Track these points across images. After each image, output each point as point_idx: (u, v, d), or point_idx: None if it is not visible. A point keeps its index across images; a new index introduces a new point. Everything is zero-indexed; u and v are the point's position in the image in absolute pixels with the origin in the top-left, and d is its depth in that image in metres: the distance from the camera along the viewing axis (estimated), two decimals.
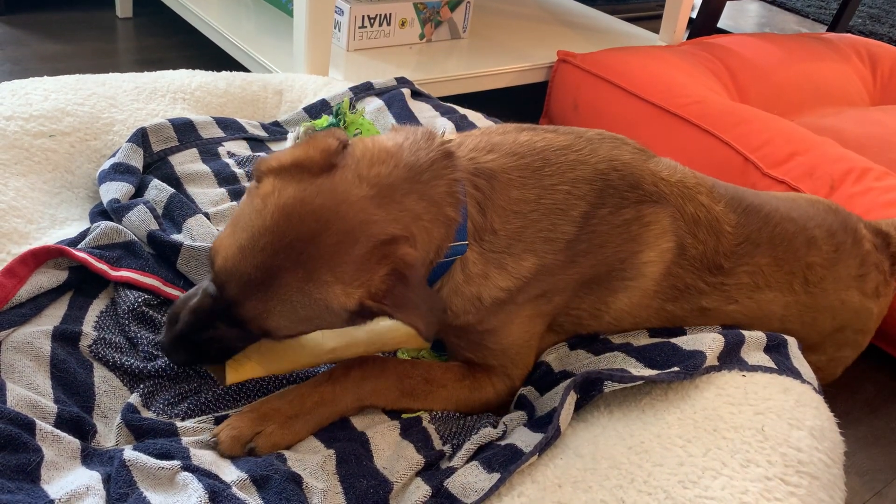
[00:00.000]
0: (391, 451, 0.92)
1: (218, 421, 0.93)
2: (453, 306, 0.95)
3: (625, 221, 0.98)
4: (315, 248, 0.81)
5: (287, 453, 0.89)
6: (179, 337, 0.88)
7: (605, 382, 0.92)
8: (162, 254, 1.13)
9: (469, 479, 0.86)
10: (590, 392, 0.93)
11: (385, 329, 1.08)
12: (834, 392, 1.38)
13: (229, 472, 0.85)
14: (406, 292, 0.83)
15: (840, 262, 1.13)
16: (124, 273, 1.07)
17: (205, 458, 0.86)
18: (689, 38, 2.61)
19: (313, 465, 0.87)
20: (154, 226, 1.15)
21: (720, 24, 2.93)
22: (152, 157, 1.34)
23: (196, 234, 1.17)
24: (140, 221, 1.15)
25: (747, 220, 1.06)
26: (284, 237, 0.81)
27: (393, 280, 0.83)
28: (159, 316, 1.05)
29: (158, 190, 1.24)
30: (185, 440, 0.89)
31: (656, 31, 2.53)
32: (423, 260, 0.87)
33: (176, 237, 1.15)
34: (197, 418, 0.94)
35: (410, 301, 0.84)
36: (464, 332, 0.99)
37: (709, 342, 0.97)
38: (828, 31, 3.08)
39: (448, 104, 1.61)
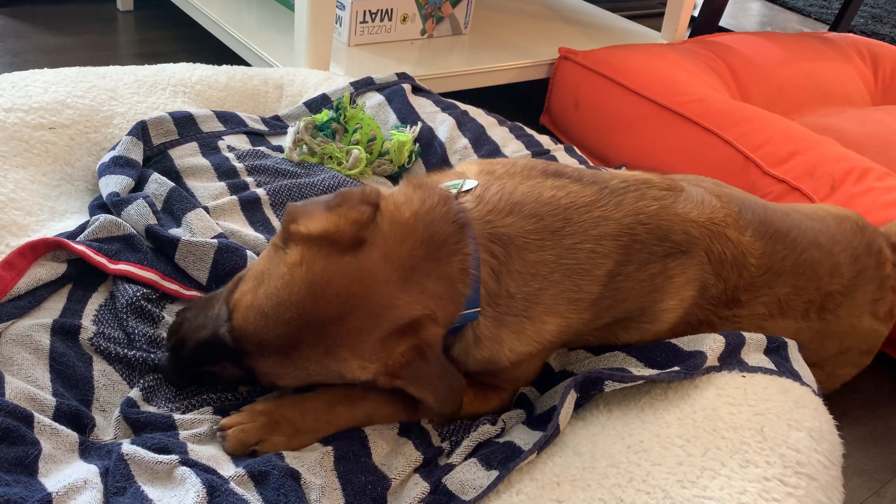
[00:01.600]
0: (389, 448, 0.92)
1: (217, 412, 0.93)
2: (468, 365, 0.95)
3: (650, 276, 0.96)
4: (339, 329, 0.82)
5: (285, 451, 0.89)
6: (183, 363, 0.89)
7: (606, 382, 0.92)
8: (160, 248, 1.13)
9: (467, 476, 0.86)
10: (590, 391, 0.93)
11: None
12: (832, 392, 1.38)
13: (227, 467, 0.85)
14: (423, 367, 0.84)
15: (859, 289, 1.10)
16: (123, 266, 1.07)
17: (203, 452, 0.86)
18: (690, 36, 2.60)
19: (311, 461, 0.87)
20: (153, 220, 1.15)
21: (722, 23, 2.92)
22: (152, 150, 1.33)
23: (195, 228, 1.16)
24: (138, 216, 1.15)
25: (773, 249, 1.03)
26: (309, 316, 0.82)
27: (411, 355, 0.84)
28: (157, 310, 1.05)
29: (158, 184, 1.23)
30: (182, 434, 0.88)
31: (658, 28, 2.53)
32: (441, 335, 0.87)
33: (174, 232, 1.15)
34: (196, 410, 0.93)
35: (425, 376, 0.85)
36: (478, 375, 0.99)
37: (709, 343, 0.97)
38: (830, 30, 3.08)
39: (449, 100, 1.61)
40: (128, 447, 0.83)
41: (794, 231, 1.07)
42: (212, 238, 1.14)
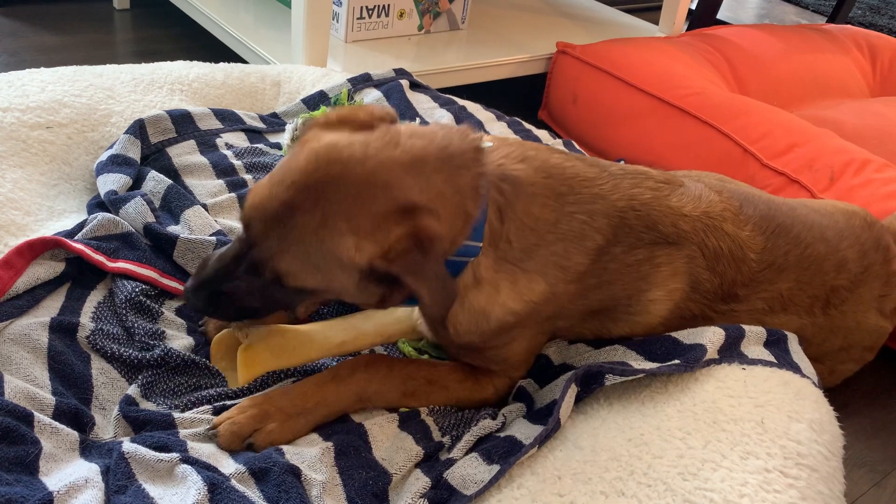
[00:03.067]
0: (390, 443, 0.92)
1: (216, 412, 0.93)
2: (457, 321, 0.94)
3: (636, 261, 0.97)
4: (335, 192, 0.82)
5: (285, 447, 0.89)
6: (203, 282, 0.89)
7: (607, 376, 0.92)
8: (159, 246, 1.13)
9: (469, 470, 0.86)
10: (590, 385, 0.93)
11: (392, 321, 1.08)
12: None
13: (228, 465, 0.85)
14: (422, 261, 0.82)
15: (865, 284, 1.10)
16: (121, 264, 1.07)
17: (203, 450, 0.86)
18: (688, 29, 2.60)
19: (311, 457, 0.87)
20: (150, 218, 1.15)
21: (719, 16, 2.92)
22: (150, 148, 1.33)
23: (194, 224, 1.16)
24: (136, 213, 1.15)
25: (775, 244, 1.03)
26: (310, 177, 0.83)
27: (410, 245, 0.82)
28: (156, 306, 1.05)
29: (156, 181, 1.23)
30: (182, 433, 0.88)
31: (656, 22, 2.52)
32: (445, 238, 0.85)
33: (172, 229, 1.15)
34: (195, 409, 0.93)
35: (422, 270, 0.82)
36: (466, 349, 0.99)
37: (709, 335, 0.97)
38: (827, 22, 3.07)
39: (447, 95, 1.61)
40: (128, 445, 0.83)
41: (799, 226, 1.07)
42: (210, 235, 1.14)
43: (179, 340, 1.02)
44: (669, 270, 0.99)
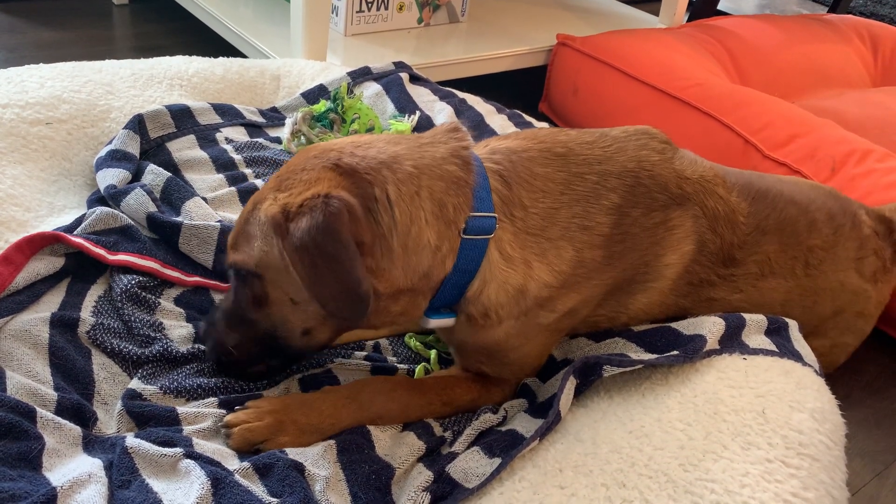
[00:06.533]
0: (392, 440, 0.92)
1: (222, 404, 0.93)
2: (499, 305, 0.90)
3: (654, 224, 0.96)
4: (285, 170, 0.86)
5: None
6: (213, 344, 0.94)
7: (604, 367, 0.92)
8: (162, 235, 1.13)
9: (470, 464, 0.86)
10: (589, 377, 0.93)
11: None
12: (835, 374, 1.38)
13: (232, 461, 0.85)
14: (315, 236, 0.77)
15: (839, 245, 1.13)
16: (122, 257, 1.07)
17: (207, 446, 0.86)
18: (688, 20, 2.59)
19: (314, 454, 0.86)
20: (153, 208, 1.15)
21: (720, 6, 2.90)
22: (149, 143, 1.33)
23: (195, 215, 1.16)
24: (138, 205, 1.15)
25: (757, 208, 1.05)
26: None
27: (314, 204, 0.78)
28: (154, 297, 1.05)
29: (155, 174, 1.23)
30: (186, 429, 0.88)
31: (656, 13, 2.51)
32: (357, 210, 0.79)
33: (176, 218, 1.15)
34: (198, 402, 0.94)
35: (313, 240, 0.77)
36: (484, 349, 0.96)
37: (709, 326, 0.97)
38: (828, 12, 3.06)
39: (447, 88, 1.60)
40: (132, 440, 0.83)
41: (773, 191, 1.09)
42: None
43: (178, 330, 1.02)
44: (682, 232, 0.98)
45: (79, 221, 1.11)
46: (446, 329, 0.95)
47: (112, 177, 1.20)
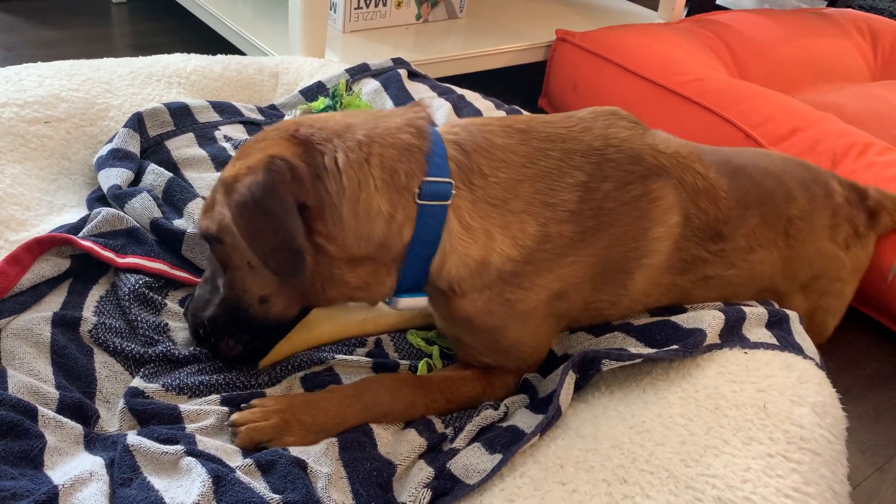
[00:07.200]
0: (394, 438, 0.92)
1: (224, 402, 0.93)
2: (460, 279, 0.90)
3: (634, 198, 0.95)
4: (248, 144, 0.89)
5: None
6: (196, 325, 0.94)
7: (603, 361, 0.92)
8: (165, 241, 1.13)
9: (471, 460, 0.86)
10: (588, 371, 0.93)
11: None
12: (836, 368, 1.38)
13: (234, 458, 0.85)
14: (254, 192, 0.79)
15: (814, 213, 1.14)
16: (131, 259, 1.07)
17: (210, 443, 0.86)
18: (687, 15, 2.58)
19: (316, 452, 0.86)
20: (157, 213, 1.15)
21: (719, 1, 2.90)
22: (148, 142, 1.33)
23: (198, 217, 1.16)
24: (143, 209, 1.15)
25: (737, 184, 1.05)
26: None
27: (255, 170, 0.81)
28: (160, 297, 1.05)
29: (157, 175, 1.23)
30: (189, 427, 0.89)
31: (655, 8, 2.51)
32: (302, 169, 0.81)
33: (178, 223, 1.15)
34: (201, 399, 0.94)
35: (250, 200, 0.80)
36: (471, 328, 0.95)
37: (709, 320, 0.97)
38: (828, 6, 3.06)
39: (445, 84, 1.60)
40: (133, 438, 0.83)
41: (749, 166, 1.10)
42: None
43: (183, 333, 1.02)
44: (666, 203, 0.97)
45: (83, 221, 1.11)
46: (437, 319, 0.97)
47: (115, 177, 1.20)
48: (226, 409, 0.92)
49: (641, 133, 1.00)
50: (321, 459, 0.86)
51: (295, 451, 0.86)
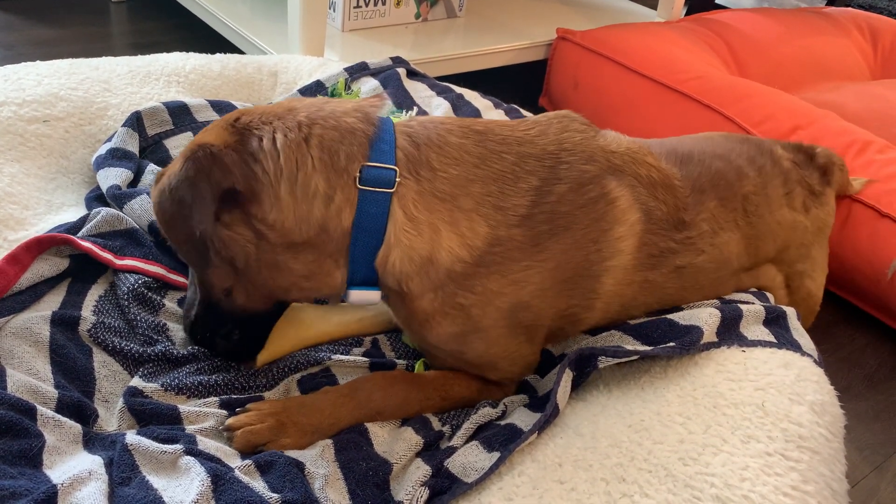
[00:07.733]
0: (390, 436, 0.92)
1: (223, 404, 0.93)
2: (407, 276, 0.87)
3: (590, 200, 0.94)
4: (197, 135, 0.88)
5: None
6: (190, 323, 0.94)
7: (599, 358, 0.92)
8: (163, 243, 1.13)
9: (469, 458, 0.86)
10: (585, 369, 0.93)
11: None
12: (835, 366, 1.39)
13: (233, 459, 0.85)
14: (172, 182, 0.80)
15: (767, 185, 1.14)
16: (129, 261, 1.07)
17: (209, 444, 0.86)
18: (687, 14, 2.58)
19: (312, 455, 0.87)
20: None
21: (718, 0, 2.90)
22: (147, 141, 1.33)
23: None
24: (142, 210, 1.15)
25: (688, 171, 1.06)
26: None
27: (179, 160, 0.82)
28: (159, 298, 1.05)
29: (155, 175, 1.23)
30: (189, 428, 0.89)
31: (654, 7, 2.51)
32: (219, 148, 0.81)
33: None
34: (200, 400, 0.94)
35: (167, 191, 0.81)
36: (434, 338, 0.93)
37: (705, 317, 0.97)
38: (827, 5, 3.06)
39: (444, 83, 1.60)
40: (132, 437, 0.83)
41: (696, 151, 1.10)
42: None
43: (181, 332, 1.02)
44: (624, 202, 0.97)
45: (82, 221, 1.11)
46: (404, 330, 0.98)
47: (115, 177, 1.20)
48: (224, 412, 0.92)
49: (593, 135, 1.01)
50: (317, 462, 0.86)
51: (291, 454, 0.86)
